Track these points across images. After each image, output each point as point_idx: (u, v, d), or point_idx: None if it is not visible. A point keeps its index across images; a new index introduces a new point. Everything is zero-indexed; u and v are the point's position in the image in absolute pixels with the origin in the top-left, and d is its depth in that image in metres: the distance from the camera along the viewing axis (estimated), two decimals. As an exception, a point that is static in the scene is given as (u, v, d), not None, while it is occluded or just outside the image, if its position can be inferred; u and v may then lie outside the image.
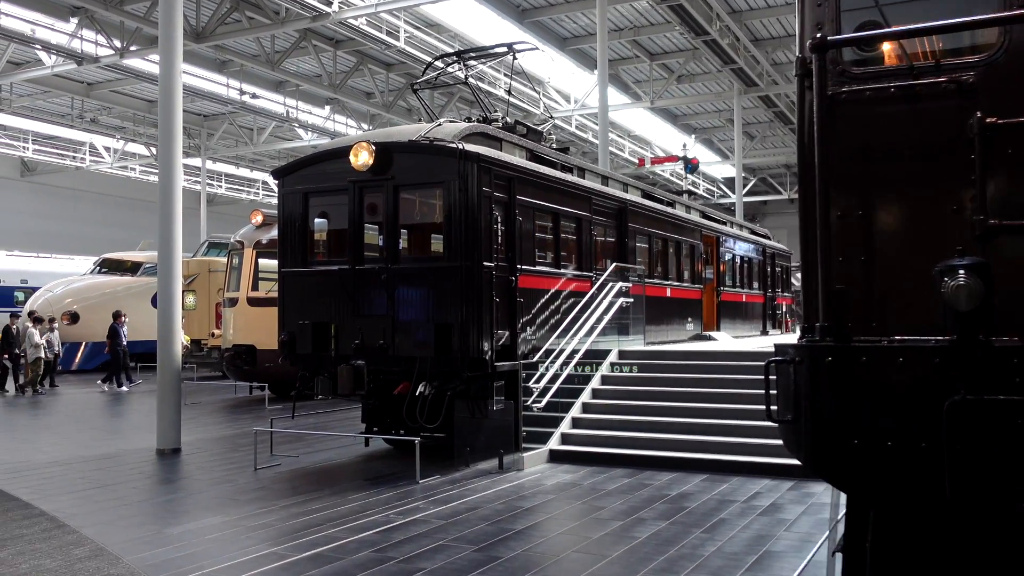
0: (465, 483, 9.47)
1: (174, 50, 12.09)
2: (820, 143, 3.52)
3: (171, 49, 12.06)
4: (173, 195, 11.96)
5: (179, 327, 12.06)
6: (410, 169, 10.50)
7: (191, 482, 9.69)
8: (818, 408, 3.43)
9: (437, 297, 10.25)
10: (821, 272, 3.49)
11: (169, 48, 12.04)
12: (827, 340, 3.47)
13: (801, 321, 3.79)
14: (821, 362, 3.44)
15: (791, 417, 3.55)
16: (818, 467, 3.51)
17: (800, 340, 3.70)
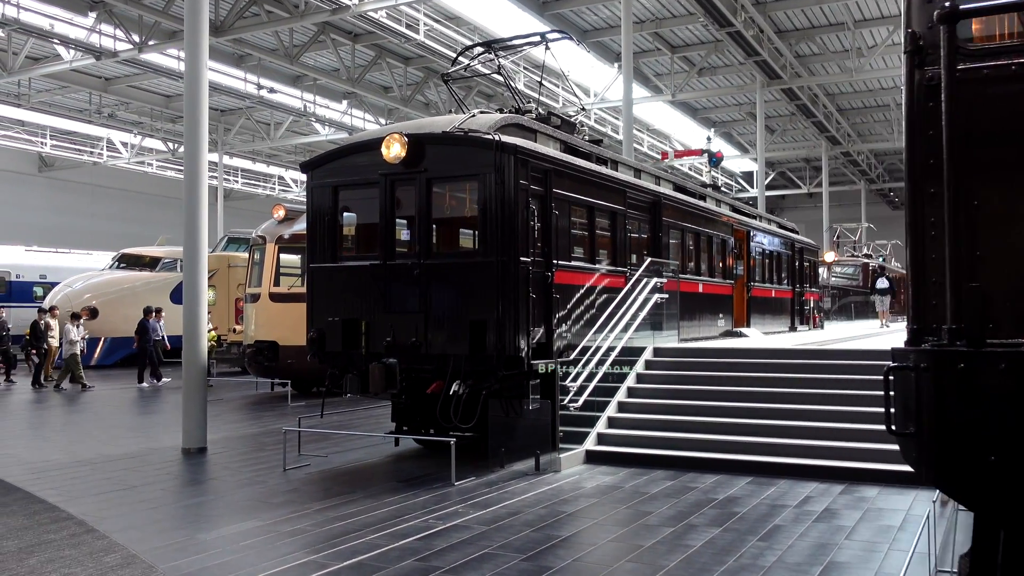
0: (502, 485, 9.16)
1: (200, 45, 11.81)
2: (949, 125, 3.15)
3: (197, 44, 11.79)
4: (199, 190, 11.70)
5: (204, 323, 11.79)
6: (444, 161, 10.19)
7: (220, 483, 9.42)
8: (946, 420, 3.07)
9: (472, 293, 9.93)
10: (950, 269, 3.12)
11: (195, 43, 11.77)
12: (957, 345, 3.10)
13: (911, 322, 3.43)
14: (951, 369, 3.07)
15: (912, 430, 3.19)
16: (944, 484, 3.16)
17: (914, 344, 3.34)
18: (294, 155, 48.37)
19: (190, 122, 11.75)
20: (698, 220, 15.52)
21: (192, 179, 11.71)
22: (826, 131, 40.93)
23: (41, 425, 14.74)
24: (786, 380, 11.09)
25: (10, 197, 42.33)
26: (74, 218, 44.78)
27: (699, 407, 10.91)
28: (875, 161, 52.43)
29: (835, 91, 38.57)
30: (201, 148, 11.78)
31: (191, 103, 11.74)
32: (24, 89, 34.18)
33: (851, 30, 29.11)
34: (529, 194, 10.10)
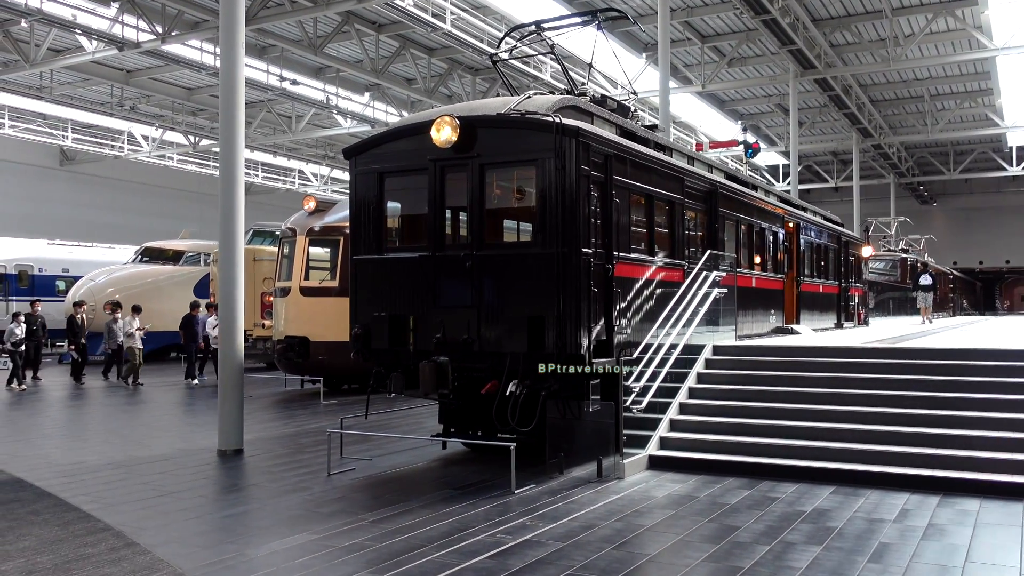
0: (566, 494, 8.50)
1: (235, 35, 11.21)
2: None
3: (233, 35, 11.19)
4: (234, 183, 11.14)
5: (241, 319, 11.20)
6: (498, 146, 9.52)
7: (262, 490, 8.80)
8: None
9: (529, 287, 9.27)
10: None
11: (231, 34, 11.16)
12: None
13: None
14: None
15: None
16: None
17: None
18: (315, 148, 47.92)
19: (226, 116, 11.17)
20: (751, 211, 14.78)
21: (228, 172, 11.13)
22: (858, 123, 40.04)
23: (70, 424, 14.21)
24: (861, 381, 10.38)
25: (32, 191, 42.05)
26: (95, 212, 44.48)
27: (769, 410, 10.22)
28: (906, 154, 51.39)
29: (867, 82, 37.66)
30: (237, 141, 11.20)
31: (227, 96, 11.16)
32: (46, 81, 33.82)
33: (888, 18, 28.25)
34: (590, 181, 9.43)
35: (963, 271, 53.86)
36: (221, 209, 11.13)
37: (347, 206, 18.43)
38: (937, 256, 47.89)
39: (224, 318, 11.09)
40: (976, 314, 45.60)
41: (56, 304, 28.74)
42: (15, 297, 27.77)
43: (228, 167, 11.12)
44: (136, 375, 20.11)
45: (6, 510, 7.85)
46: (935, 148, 50.70)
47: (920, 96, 39.59)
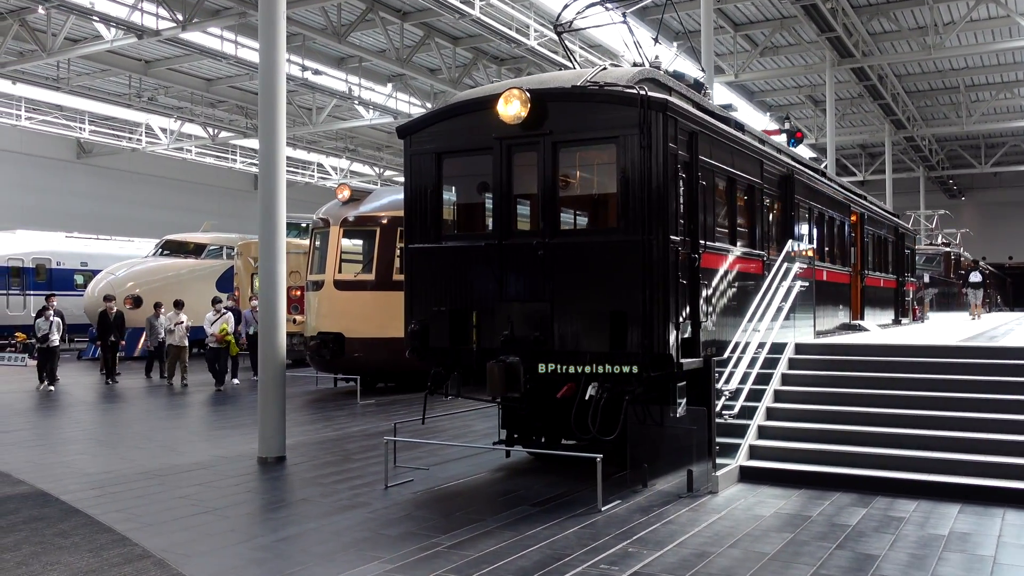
0: (659, 512, 7.52)
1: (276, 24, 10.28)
2: None
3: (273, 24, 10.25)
4: (275, 174, 10.27)
5: (283, 317, 10.27)
6: (573, 121, 8.54)
7: (315, 506, 7.85)
8: None
9: (611, 279, 8.30)
10: None
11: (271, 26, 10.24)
12: None
13: None
14: None
15: None
16: None
17: None
18: (335, 141, 47.08)
19: (265, 107, 10.28)
20: (822, 199, 13.74)
21: (268, 166, 10.26)
22: (892, 114, 38.91)
23: (97, 427, 13.31)
24: (970, 384, 9.35)
25: (49, 184, 41.38)
26: (113, 205, 43.79)
27: (868, 416, 9.20)
28: (937, 147, 50.12)
29: (902, 72, 36.51)
30: (278, 133, 10.31)
31: (267, 87, 10.27)
32: (63, 72, 33.07)
33: (929, 5, 27.14)
34: (676, 160, 8.43)
35: (992, 266, 52.55)
36: (261, 203, 10.24)
37: (382, 195, 17.58)
38: (967, 251, 46.61)
39: (265, 316, 10.16)
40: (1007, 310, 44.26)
41: (74, 299, 27.98)
42: (33, 291, 26.97)
43: (269, 160, 10.24)
44: (184, 374, 18.77)
45: (31, 531, 6.94)
46: (966, 141, 49.46)
47: (955, 87, 38.40)
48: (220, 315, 18.17)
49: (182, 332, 18.58)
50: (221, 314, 18.22)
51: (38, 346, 18.35)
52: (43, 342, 18.15)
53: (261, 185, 10.30)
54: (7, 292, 27.08)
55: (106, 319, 19.56)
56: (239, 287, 23.96)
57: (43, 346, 18.16)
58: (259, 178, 10.35)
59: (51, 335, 18.07)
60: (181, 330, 18.49)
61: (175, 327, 18.57)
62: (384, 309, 16.29)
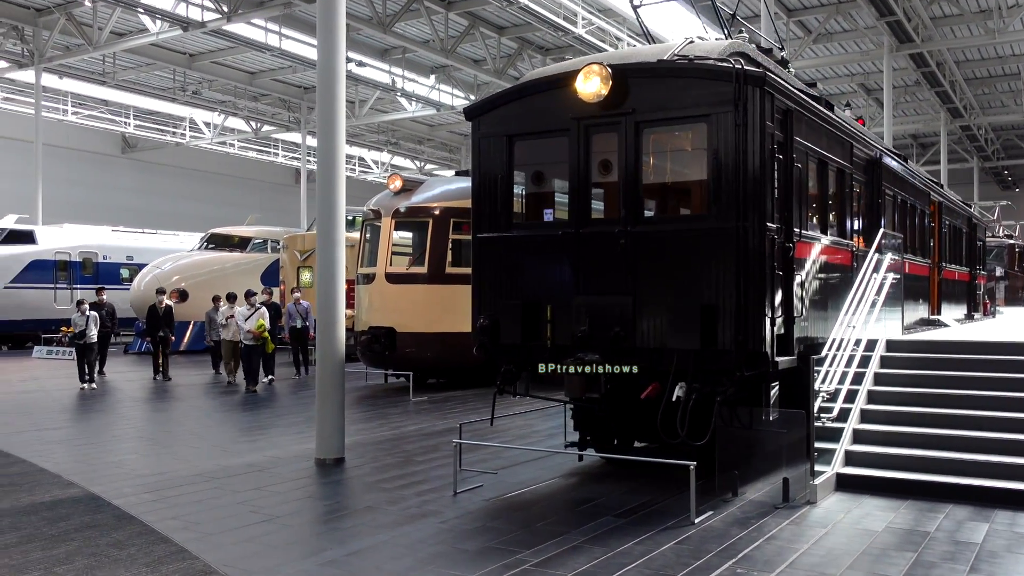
0: (757, 525, 6.86)
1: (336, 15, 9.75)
2: None
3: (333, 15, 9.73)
4: (334, 164, 9.77)
5: (342, 312, 9.73)
6: (659, 99, 7.87)
7: (382, 515, 7.29)
8: None
9: (700, 270, 7.64)
10: None
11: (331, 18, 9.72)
12: None
13: None
14: None
15: None
16: None
17: None
18: (376, 134, 46.76)
19: (324, 99, 9.74)
20: (905, 187, 12.91)
21: (327, 158, 9.75)
22: (949, 102, 37.59)
23: (147, 425, 12.93)
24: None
25: (94, 178, 41.59)
26: (157, 199, 43.92)
27: (976, 419, 8.42)
28: (992, 136, 48.51)
29: (961, 58, 35.20)
30: (338, 125, 9.78)
31: (326, 78, 9.73)
32: (109, 67, 33.10)
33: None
34: (773, 140, 7.74)
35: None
36: (319, 194, 9.74)
37: (434, 185, 17.01)
38: (1019, 243, 45.00)
39: (324, 311, 9.64)
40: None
41: (120, 292, 27.85)
42: (80, 285, 26.88)
43: (328, 152, 9.73)
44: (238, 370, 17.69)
45: (84, 540, 6.47)
46: (1022, 130, 47.80)
47: (1015, 73, 36.99)
48: (255, 310, 16.86)
49: (235, 327, 17.59)
50: (256, 309, 16.94)
51: (75, 342, 17.27)
52: (80, 338, 17.01)
53: (320, 176, 9.78)
54: (54, 286, 27.02)
55: (155, 313, 18.85)
56: (285, 280, 23.57)
57: (80, 342, 17.03)
58: (318, 169, 9.83)
59: (88, 330, 16.92)
60: (234, 324, 17.53)
61: (227, 321, 17.68)
62: (436, 303, 15.79)
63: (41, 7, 27.85)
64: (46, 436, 11.35)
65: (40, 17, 28.32)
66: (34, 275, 26.56)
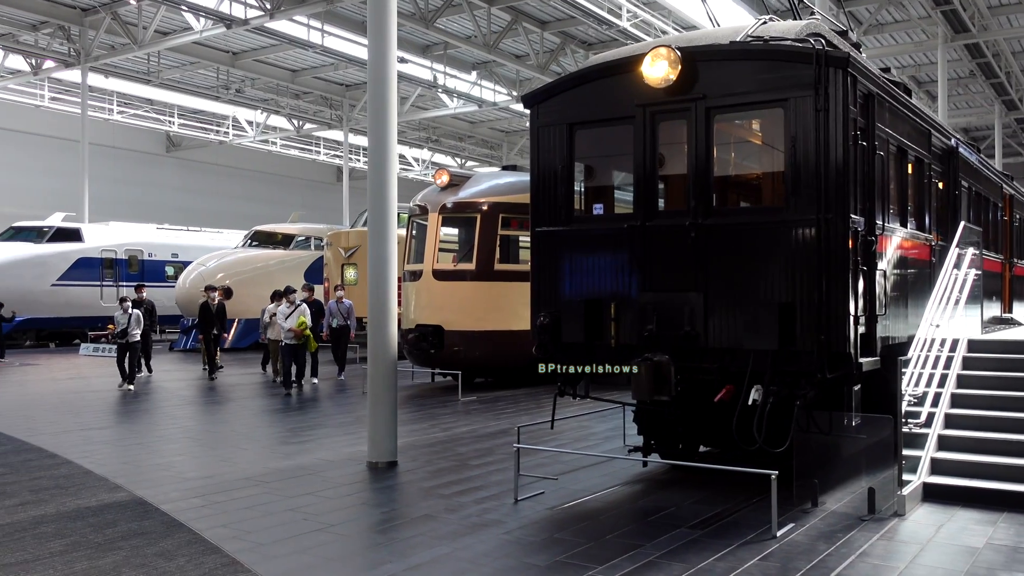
0: (844, 540, 6.36)
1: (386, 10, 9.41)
2: None
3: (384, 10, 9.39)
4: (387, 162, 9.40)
5: (395, 310, 9.38)
6: (731, 83, 7.40)
7: (442, 524, 6.91)
8: None
9: (779, 265, 7.16)
10: None
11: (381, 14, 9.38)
12: None
13: None
14: None
15: None
16: None
17: None
18: (417, 131, 46.57)
19: (375, 93, 9.36)
20: (980, 179, 12.25)
21: (378, 148, 9.36)
22: (1004, 94, 36.39)
23: (193, 426, 12.71)
24: None
25: (139, 177, 41.92)
26: (200, 198, 44.20)
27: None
28: (1046, 130, 47.06)
29: (1017, 48, 34.04)
30: (389, 118, 9.40)
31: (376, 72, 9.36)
32: (154, 66, 33.28)
33: (1058, -27, 25.00)
34: (855, 127, 7.23)
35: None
36: (370, 192, 9.34)
37: (482, 179, 16.63)
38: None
39: (375, 309, 9.28)
40: None
41: (165, 290, 27.95)
42: (125, 282, 26.99)
43: (379, 148, 9.35)
44: None
45: (131, 549, 6.17)
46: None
47: (1073, 63, 35.73)
48: (295, 307, 15.95)
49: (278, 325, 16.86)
50: (296, 306, 16.00)
51: (118, 341, 16.57)
52: (122, 337, 16.36)
53: (371, 170, 9.42)
54: (101, 283, 27.16)
55: (207, 311, 18.45)
56: (328, 278, 23.38)
57: (123, 341, 16.35)
58: (369, 163, 9.46)
59: (131, 329, 16.33)
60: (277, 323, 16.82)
61: (271, 319, 17.06)
62: (485, 300, 15.44)
63: (87, 7, 28.01)
64: (92, 436, 11.17)
65: (86, 17, 28.50)
66: (81, 273, 26.70)
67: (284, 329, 15.75)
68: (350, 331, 17.82)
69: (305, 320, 15.84)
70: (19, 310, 23.99)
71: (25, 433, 11.04)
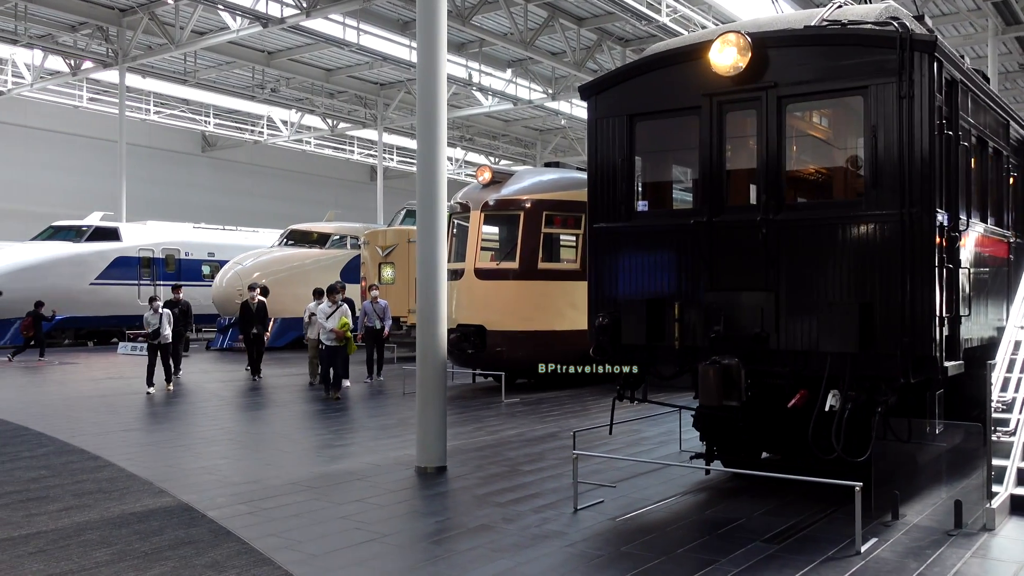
0: (935, 557, 5.93)
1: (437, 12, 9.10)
2: None
3: None
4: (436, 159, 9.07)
5: (444, 310, 9.04)
6: (804, 70, 6.98)
7: (501, 535, 6.56)
8: None
9: (859, 263, 6.73)
10: None
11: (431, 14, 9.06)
12: None
13: None
14: None
15: None
16: None
17: None
18: (450, 130, 46.31)
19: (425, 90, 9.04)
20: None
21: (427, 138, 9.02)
22: (1054, 88, 35.39)
23: (236, 425, 12.49)
24: None
25: (176, 177, 42.15)
26: (235, 197, 44.37)
27: None
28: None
29: (1068, 40, 33.06)
30: (439, 114, 9.07)
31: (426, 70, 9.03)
32: (190, 66, 33.38)
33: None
34: (941, 116, 6.78)
35: None
36: (419, 186, 9.00)
37: (525, 176, 16.27)
38: None
39: (424, 308, 8.95)
40: None
41: (202, 289, 27.94)
42: (163, 281, 27.00)
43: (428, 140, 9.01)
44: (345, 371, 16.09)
45: (180, 559, 5.90)
46: None
47: None
48: (337, 307, 14.96)
49: (317, 325, 16.00)
50: (338, 306, 14.99)
51: (148, 342, 15.76)
52: (154, 338, 15.51)
53: (419, 165, 9.07)
54: (138, 282, 27.19)
55: (248, 310, 17.64)
56: (365, 277, 23.17)
57: (154, 342, 15.52)
58: (417, 158, 9.11)
59: (162, 329, 15.48)
60: (316, 322, 16.08)
61: (311, 319, 16.51)
62: (528, 300, 15.10)
63: (125, 7, 28.09)
64: (134, 437, 10.99)
65: (124, 17, 28.58)
66: (119, 272, 26.75)
67: (326, 329, 14.94)
68: (385, 332, 17.23)
69: (348, 321, 15.19)
70: (58, 309, 24.05)
71: (67, 434, 10.88)
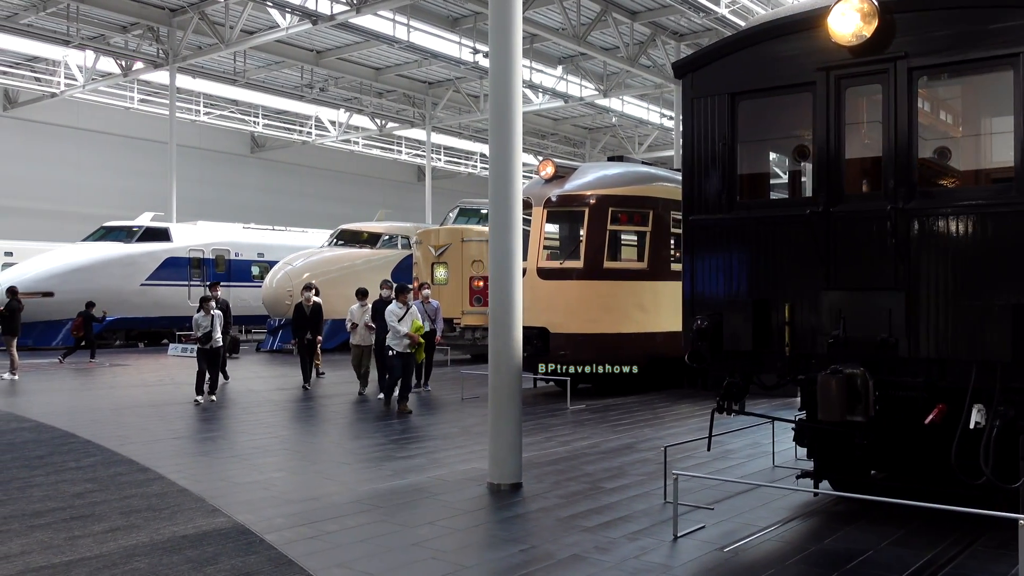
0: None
1: None
2: None
3: None
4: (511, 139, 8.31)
5: (519, 313, 8.27)
6: (942, 38, 6.10)
7: (595, 568, 5.76)
8: None
9: (1007, 258, 5.83)
10: None
11: None
12: None
13: None
14: None
15: None
16: None
17: None
18: (499, 129, 45.64)
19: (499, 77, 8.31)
20: None
21: (501, 131, 8.27)
22: None
23: (291, 435, 11.85)
24: None
25: (225, 177, 42.20)
26: (283, 198, 44.33)
27: None
28: None
29: None
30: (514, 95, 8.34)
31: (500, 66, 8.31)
32: (239, 66, 33.22)
33: None
34: (1104, 86, 5.85)
35: None
36: (492, 179, 8.29)
37: (588, 171, 15.44)
38: None
39: (498, 312, 8.19)
40: None
41: (252, 290, 27.64)
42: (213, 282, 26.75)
43: (502, 133, 8.26)
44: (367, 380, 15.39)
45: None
46: None
47: None
48: (407, 309, 13.37)
49: (363, 330, 15.22)
50: (408, 308, 13.39)
51: (198, 347, 14.31)
52: (205, 342, 14.15)
53: (492, 157, 8.34)
54: (188, 283, 26.94)
55: (302, 312, 16.29)
56: (417, 277, 22.54)
57: (205, 347, 14.16)
58: (490, 150, 8.35)
59: (214, 332, 14.18)
60: (362, 327, 15.22)
61: (352, 328, 15.32)
62: (593, 301, 14.33)
63: (175, 7, 27.92)
64: (184, 447, 10.41)
65: (174, 17, 28.42)
66: (169, 272, 26.52)
67: (400, 334, 13.18)
68: (437, 335, 15.98)
69: (420, 324, 13.71)
70: (109, 310, 23.84)
71: (116, 443, 10.33)
